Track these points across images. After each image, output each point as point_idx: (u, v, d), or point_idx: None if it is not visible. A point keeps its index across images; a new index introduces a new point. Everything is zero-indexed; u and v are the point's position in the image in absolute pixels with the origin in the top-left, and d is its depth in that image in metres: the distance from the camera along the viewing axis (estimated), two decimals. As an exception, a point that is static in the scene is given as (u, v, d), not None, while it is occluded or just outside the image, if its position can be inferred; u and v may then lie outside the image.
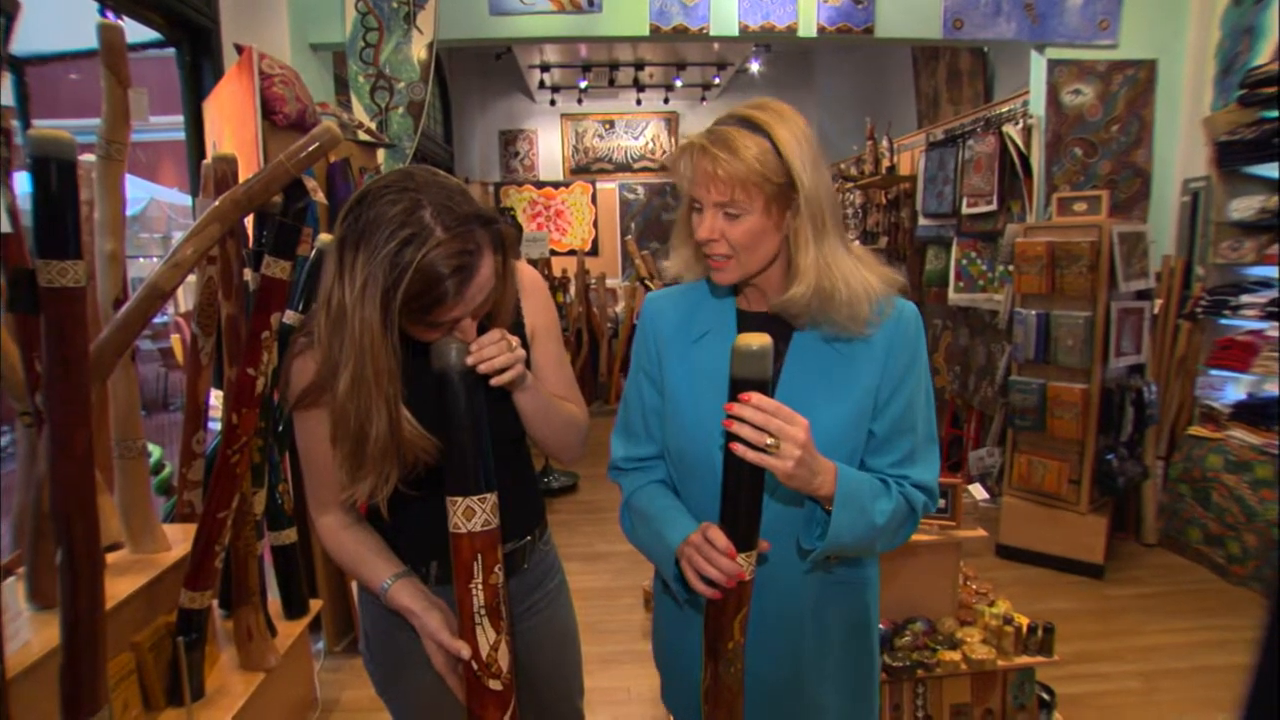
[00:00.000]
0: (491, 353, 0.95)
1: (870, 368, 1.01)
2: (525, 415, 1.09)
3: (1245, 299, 3.24)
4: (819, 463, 0.91)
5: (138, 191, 5.77)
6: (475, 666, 0.95)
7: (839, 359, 1.01)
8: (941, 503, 2.05)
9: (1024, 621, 2.03)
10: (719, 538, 0.89)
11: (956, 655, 1.94)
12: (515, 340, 0.99)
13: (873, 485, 0.98)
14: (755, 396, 0.84)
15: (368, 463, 0.97)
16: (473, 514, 0.93)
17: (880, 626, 1.96)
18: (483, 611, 0.95)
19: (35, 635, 1.46)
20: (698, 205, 0.99)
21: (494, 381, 0.96)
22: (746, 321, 1.07)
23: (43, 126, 1.23)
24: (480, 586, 0.95)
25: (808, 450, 0.87)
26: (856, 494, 0.95)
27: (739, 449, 0.84)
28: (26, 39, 2.70)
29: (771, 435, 0.84)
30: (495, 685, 0.96)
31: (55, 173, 1.15)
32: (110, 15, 2.50)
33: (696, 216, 1.00)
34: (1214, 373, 3.45)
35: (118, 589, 1.67)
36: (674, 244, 1.11)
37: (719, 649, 0.95)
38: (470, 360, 0.93)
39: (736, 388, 0.85)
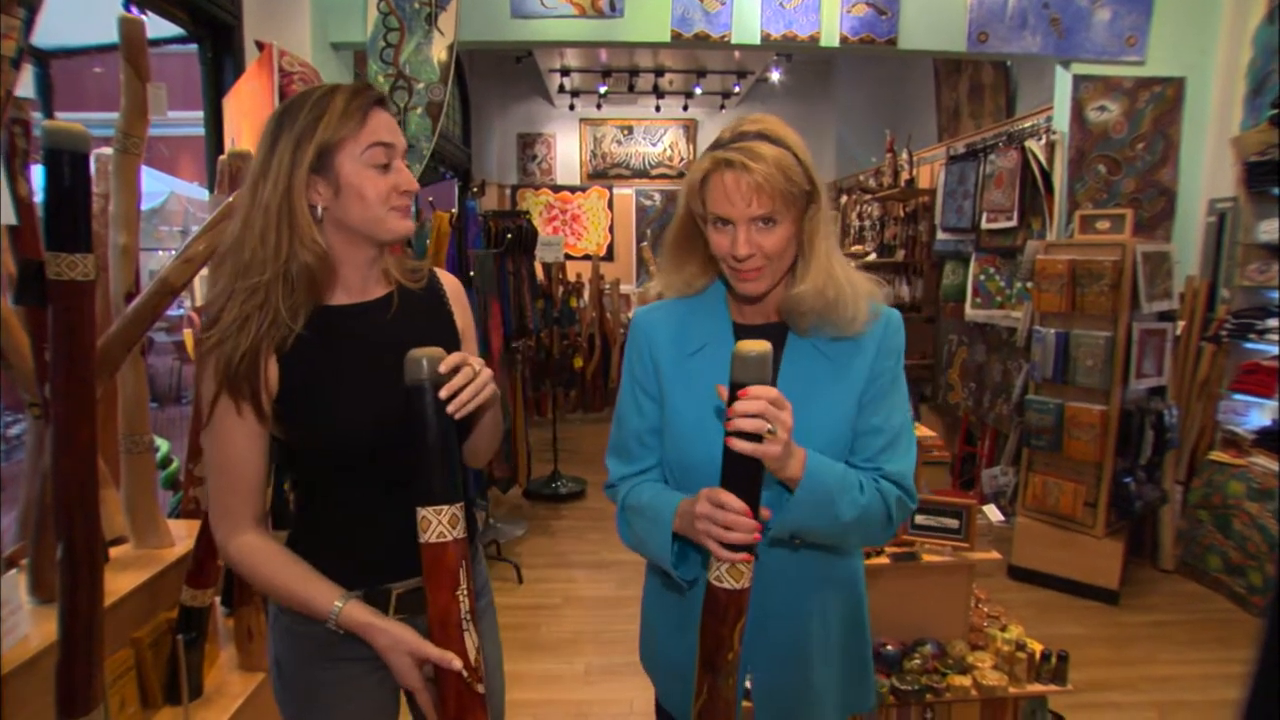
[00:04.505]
0: (467, 395, 0.94)
1: (860, 370, 1.05)
2: (482, 428, 1.10)
3: (1272, 323, 3.17)
4: (794, 447, 0.93)
5: (157, 185, 5.82)
6: (465, 674, 0.94)
7: (831, 364, 1.05)
8: (955, 523, 2.01)
9: (1037, 648, 1.99)
10: (731, 499, 0.88)
11: (967, 680, 1.90)
12: (479, 363, 0.98)
13: (844, 473, 1.00)
14: (752, 389, 0.86)
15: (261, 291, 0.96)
16: (457, 521, 0.94)
17: (889, 648, 1.92)
18: (468, 617, 0.95)
19: (34, 629, 1.44)
20: (723, 223, 1.00)
21: (460, 412, 0.94)
22: (742, 334, 1.08)
23: (66, 119, 1.23)
24: (465, 593, 0.95)
25: (790, 433, 0.90)
26: (823, 477, 0.96)
27: (736, 443, 0.86)
28: (53, 32, 2.72)
29: (770, 422, 0.86)
30: (480, 689, 0.96)
31: (68, 165, 1.14)
32: (134, 10, 2.51)
33: (719, 236, 1.01)
34: (1237, 397, 3.38)
35: (120, 584, 1.66)
36: (671, 263, 1.12)
37: (717, 662, 0.93)
38: (447, 400, 0.93)
39: (737, 391, 0.87)
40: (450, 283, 1.19)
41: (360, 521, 1.06)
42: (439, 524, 0.92)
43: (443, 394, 0.92)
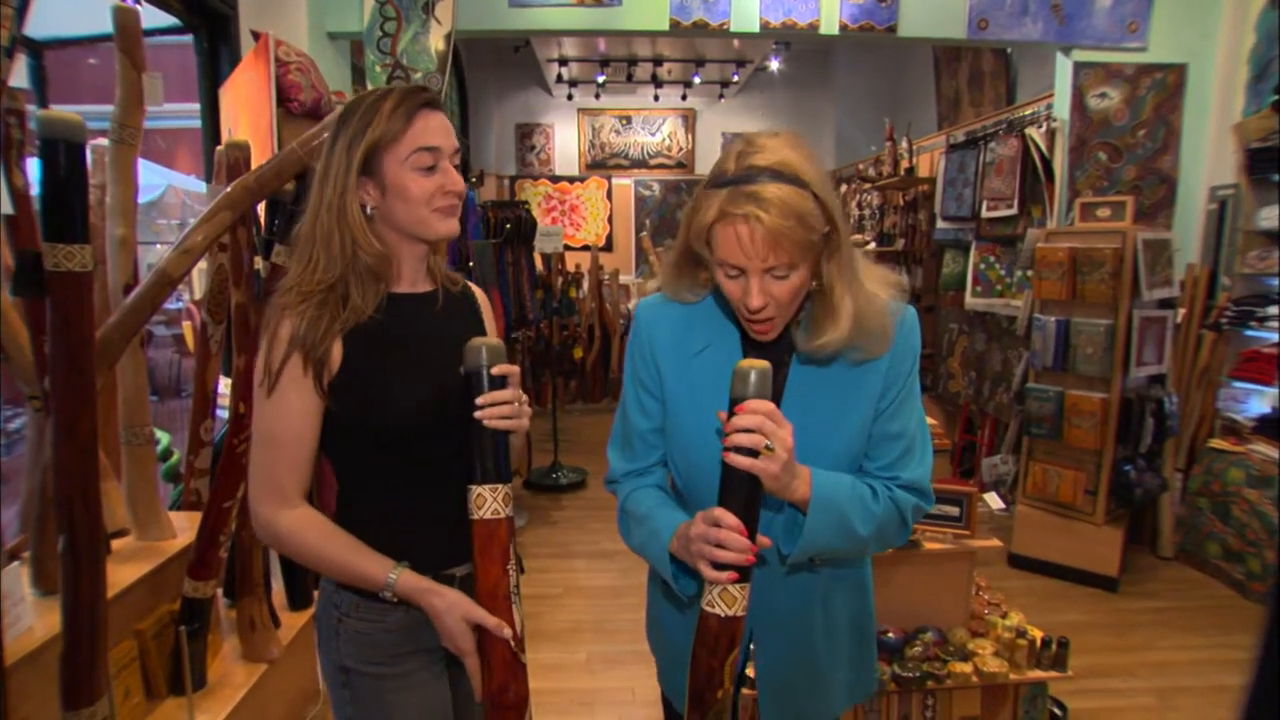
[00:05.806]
0: (498, 413, 0.98)
1: (873, 381, 1.01)
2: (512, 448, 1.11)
3: (1272, 310, 3.17)
4: (797, 467, 0.92)
5: (154, 178, 5.79)
6: (512, 643, 0.99)
7: (844, 374, 1.01)
8: (955, 511, 2.01)
9: (1038, 635, 1.99)
10: (727, 516, 0.87)
11: (967, 667, 1.90)
12: (525, 399, 1.03)
13: (853, 486, 0.98)
14: (748, 403, 0.85)
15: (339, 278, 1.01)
16: (509, 500, 1.00)
17: (890, 635, 1.93)
18: (516, 590, 1.01)
19: (38, 621, 1.45)
20: (734, 272, 0.93)
21: (492, 424, 0.98)
22: (748, 344, 1.04)
23: (59, 110, 1.22)
24: (513, 567, 1.01)
25: (791, 453, 0.88)
26: (833, 496, 0.94)
27: (733, 458, 0.85)
28: (47, 23, 2.70)
29: (767, 437, 0.85)
30: (524, 659, 1.01)
31: (64, 155, 1.13)
32: (129, 0, 2.48)
33: (730, 283, 0.95)
34: (1237, 385, 3.38)
35: (122, 576, 1.67)
36: (670, 281, 1.08)
37: (706, 697, 0.90)
38: (479, 414, 0.97)
39: (735, 408, 0.87)
40: (480, 295, 1.24)
41: (406, 506, 1.08)
42: (493, 501, 0.98)
43: (480, 401, 0.96)
